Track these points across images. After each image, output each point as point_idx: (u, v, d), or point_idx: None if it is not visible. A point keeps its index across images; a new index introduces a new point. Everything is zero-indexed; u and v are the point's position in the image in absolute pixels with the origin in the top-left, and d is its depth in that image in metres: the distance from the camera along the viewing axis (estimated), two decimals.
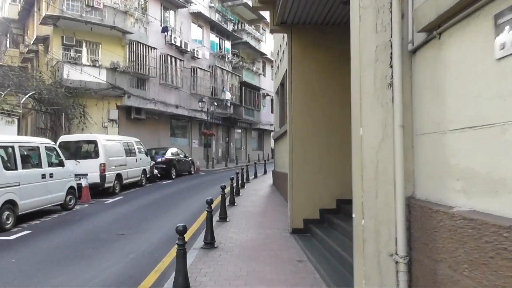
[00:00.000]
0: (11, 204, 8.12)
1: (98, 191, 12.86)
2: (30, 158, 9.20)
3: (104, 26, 19.52)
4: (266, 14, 36.70)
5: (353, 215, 3.13)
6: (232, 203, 10.34)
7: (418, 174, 2.92)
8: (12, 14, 27.33)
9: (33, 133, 19.27)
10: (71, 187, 10.51)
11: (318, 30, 7.55)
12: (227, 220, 8.25)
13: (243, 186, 14.28)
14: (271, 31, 8.10)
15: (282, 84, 12.79)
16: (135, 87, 21.58)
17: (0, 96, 13.53)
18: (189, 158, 21.73)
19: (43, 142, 9.75)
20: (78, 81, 18.76)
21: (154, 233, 7.63)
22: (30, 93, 15.34)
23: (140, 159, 15.57)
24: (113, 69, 19.82)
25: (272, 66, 39.92)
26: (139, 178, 15.38)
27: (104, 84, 19.50)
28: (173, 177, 18.88)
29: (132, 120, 22.06)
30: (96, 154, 12.57)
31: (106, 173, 12.50)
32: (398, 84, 2.97)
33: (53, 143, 10.33)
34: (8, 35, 28.38)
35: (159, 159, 18.40)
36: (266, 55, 36.69)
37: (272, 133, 17.35)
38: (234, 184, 11.30)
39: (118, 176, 13.45)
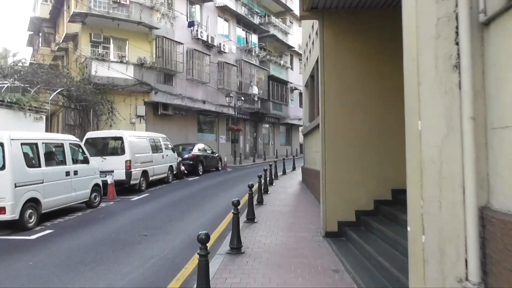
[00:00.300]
0: (34, 202, 7.94)
1: (124, 188, 12.69)
2: (54, 155, 9.02)
3: (131, 22, 19.39)
4: (293, 6, 35.94)
5: (409, 229, 2.56)
6: (260, 202, 9.85)
7: (495, 179, 2.30)
8: (43, 13, 27.77)
9: (63, 129, 19.45)
10: (96, 185, 10.31)
11: (353, 15, 6.90)
12: (255, 221, 7.76)
13: (271, 183, 13.78)
14: (301, 18, 7.49)
15: (312, 76, 12.16)
16: (162, 83, 21.43)
17: (29, 93, 13.50)
18: (216, 154, 21.42)
19: (67, 139, 9.56)
20: (106, 78, 18.75)
21: (178, 234, 7.24)
22: (59, 90, 15.34)
23: (167, 155, 15.32)
24: (140, 65, 19.70)
25: (300, 59, 39.11)
26: (165, 175, 15.15)
27: (131, 80, 19.42)
28: (200, 173, 18.59)
29: (159, 116, 21.94)
30: (122, 151, 12.37)
31: (132, 170, 12.29)
32: (467, 65, 2.37)
33: (78, 140, 10.15)
34: (40, 34, 28.91)
35: (186, 155, 18.14)
36: (294, 48, 35.91)
37: (301, 128, 16.74)
38: (262, 182, 10.78)
39: (144, 173, 13.23)
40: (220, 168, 21.51)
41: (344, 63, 6.87)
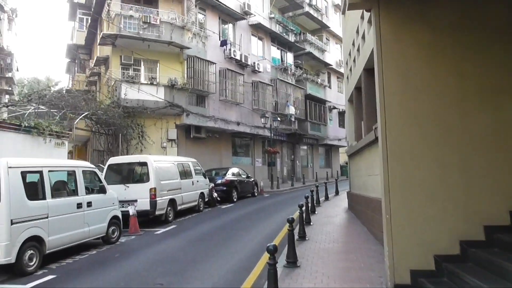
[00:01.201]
0: (36, 241, 6.76)
1: (150, 219, 11.46)
2: (63, 184, 7.90)
3: (161, 42, 18.69)
4: (329, 22, 34.66)
5: None
6: (303, 236, 8.21)
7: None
8: (79, 40, 28.00)
9: (91, 155, 18.79)
10: (115, 217, 9.09)
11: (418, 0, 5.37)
12: (297, 265, 6.15)
13: (313, 211, 12.10)
14: (350, 7, 5.99)
15: (358, 88, 10.57)
16: (194, 105, 20.49)
17: (53, 118, 12.76)
18: (252, 179, 19.98)
19: (80, 165, 8.44)
20: (135, 100, 18.00)
21: (202, 282, 5.77)
22: (84, 114, 14.59)
23: (197, 181, 14.05)
24: (170, 87, 18.87)
25: (338, 77, 37.54)
26: (196, 203, 13.83)
27: (161, 103, 18.58)
28: (235, 200, 17.17)
29: (191, 140, 20.92)
30: (146, 178, 11.19)
31: (157, 198, 11.05)
32: None
33: (93, 166, 9.02)
34: (76, 61, 29.17)
35: (219, 181, 16.82)
36: (331, 65, 34.45)
37: (345, 149, 15.01)
38: (304, 213, 9.15)
39: (172, 202, 11.96)
40: (256, 194, 20.00)
41: (409, 60, 5.29)
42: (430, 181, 5.00)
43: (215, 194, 15.84)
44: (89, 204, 8.15)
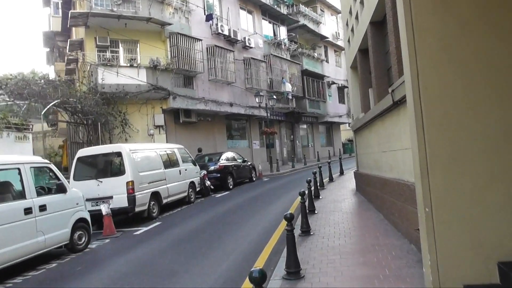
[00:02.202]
0: None
1: (131, 216, 9.98)
2: (5, 187, 6.33)
3: (139, 19, 16.89)
4: None
5: None
6: (306, 231, 6.70)
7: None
8: (56, 26, 26.08)
9: (70, 149, 17.23)
10: (81, 220, 7.58)
11: None
12: (301, 275, 4.63)
13: (317, 196, 10.60)
14: None
15: (363, 51, 8.92)
16: (181, 86, 18.81)
17: (7, 106, 11.15)
18: (249, 163, 18.46)
19: (28, 161, 6.85)
20: (115, 85, 16.33)
21: None
22: (52, 103, 12.94)
23: (186, 170, 12.51)
24: (153, 68, 17.16)
25: (335, 51, 35.62)
26: (185, 194, 12.32)
27: (144, 86, 16.91)
28: (230, 187, 15.67)
29: (181, 125, 19.32)
30: (122, 170, 9.65)
31: (136, 193, 9.53)
32: None
33: (47, 161, 7.45)
34: (55, 49, 27.32)
35: (212, 167, 15.29)
36: (328, 38, 32.57)
37: (349, 124, 13.33)
38: (307, 200, 7.62)
39: (155, 195, 10.45)
40: (254, 179, 18.51)
41: None
42: (489, 157, 3.42)
43: (208, 182, 14.34)
44: (42, 208, 6.62)
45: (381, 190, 7.31)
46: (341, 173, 17.00)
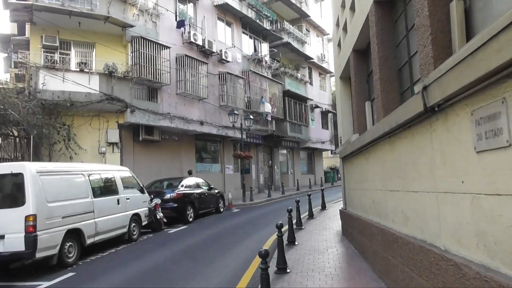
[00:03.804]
0: None
1: (35, 264, 7.22)
2: None
3: (94, 17, 14.43)
4: (309, 11, 30.91)
5: None
6: None
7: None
8: (14, 29, 23.45)
9: None
10: None
11: None
12: None
13: (292, 242, 8.06)
14: None
15: (358, 52, 6.62)
16: (143, 99, 16.28)
17: None
18: (216, 190, 15.81)
19: None
20: (59, 92, 13.71)
21: None
22: None
23: (127, 199, 9.82)
24: (107, 75, 14.63)
25: (320, 74, 33.80)
26: (125, 230, 9.58)
27: (96, 95, 14.32)
28: (190, 220, 12.99)
29: (141, 143, 16.68)
30: (21, 198, 6.91)
31: (39, 232, 6.79)
32: None
33: None
34: (9, 54, 24.53)
35: (168, 196, 12.61)
36: (313, 59, 30.74)
37: (336, 150, 10.88)
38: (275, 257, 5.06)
39: (73, 234, 7.70)
40: (222, 209, 15.85)
41: None
42: None
43: (160, 214, 11.62)
44: None
45: (385, 249, 4.84)
46: (323, 207, 14.52)
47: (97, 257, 8.35)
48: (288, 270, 5.95)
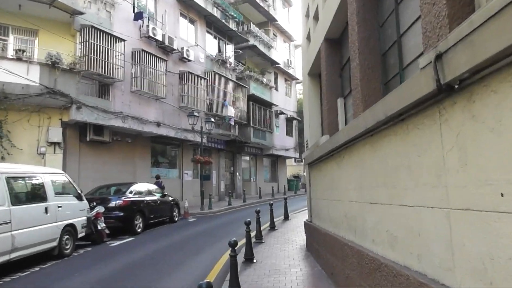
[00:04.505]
0: None
1: None
2: None
3: (37, 0, 12.86)
4: (277, 15, 30.25)
5: None
6: None
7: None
8: None
9: None
10: None
11: None
12: None
13: (250, 259, 6.96)
14: None
15: (332, 40, 5.68)
16: (93, 95, 14.77)
17: None
18: (170, 198, 14.47)
19: None
20: None
21: None
22: None
23: (59, 207, 8.36)
24: (50, 65, 13.03)
25: (285, 80, 33.17)
26: (54, 244, 8.12)
27: (35, 88, 12.70)
28: (139, 230, 11.61)
29: (89, 144, 15.10)
30: None
31: None
32: None
33: None
34: None
35: (113, 203, 11.18)
36: (279, 64, 30.06)
37: (303, 154, 9.86)
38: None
39: None
40: (176, 218, 14.51)
41: None
42: None
43: (102, 225, 10.18)
44: None
45: (363, 276, 3.84)
46: (286, 217, 13.53)
47: (14, 278, 6.87)
48: None
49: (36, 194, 7.84)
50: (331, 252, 5.45)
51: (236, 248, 4.96)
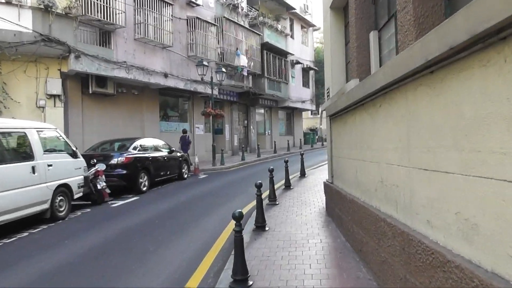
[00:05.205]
0: None
1: None
2: None
3: None
4: None
5: None
6: None
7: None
8: None
9: None
10: None
11: None
12: None
13: (262, 227, 6.05)
14: None
15: None
16: (93, 43, 13.59)
17: None
18: (179, 154, 13.61)
19: None
20: None
21: None
22: None
23: (49, 166, 7.52)
24: (44, 10, 11.81)
25: (302, 27, 31.08)
26: (45, 206, 7.36)
27: (28, 35, 11.59)
28: (144, 189, 10.86)
29: (92, 97, 14.17)
30: None
31: None
32: None
33: None
34: None
35: (115, 160, 10.35)
36: (295, 9, 27.99)
37: (322, 107, 8.64)
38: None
39: None
40: (186, 175, 13.73)
41: None
42: None
43: (102, 184, 9.40)
44: None
45: (412, 270, 2.81)
46: (302, 174, 12.58)
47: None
48: (248, 275, 3.93)
49: (21, 152, 6.98)
50: (359, 224, 4.44)
51: (241, 221, 3.99)
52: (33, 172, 7.03)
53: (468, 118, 2.05)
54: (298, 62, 28.97)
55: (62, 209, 7.83)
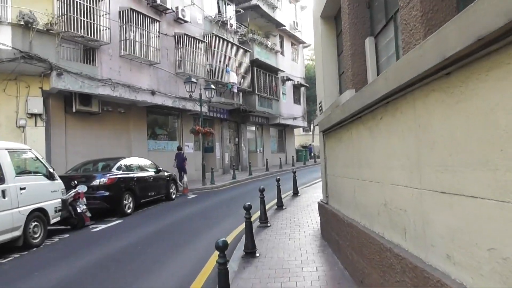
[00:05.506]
0: None
1: None
2: None
3: None
4: None
5: None
6: None
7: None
8: None
9: None
10: None
11: None
12: None
13: (252, 253, 5.52)
14: None
15: None
16: (76, 60, 13.14)
17: None
18: (166, 173, 13.05)
19: None
20: None
21: None
22: None
23: (22, 189, 6.95)
24: (24, 26, 11.39)
25: (292, 44, 31.04)
26: (16, 234, 6.75)
27: (7, 52, 11.13)
28: (128, 211, 10.27)
29: (76, 116, 13.66)
30: None
31: None
32: None
33: None
34: None
35: (97, 182, 9.78)
36: (284, 26, 27.92)
37: (314, 121, 8.21)
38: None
39: None
40: (174, 196, 13.15)
41: None
42: None
43: (82, 207, 8.81)
44: None
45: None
46: (295, 193, 12.08)
47: None
48: None
49: None
50: (359, 251, 3.95)
51: (227, 250, 3.49)
52: (3, 196, 6.47)
53: (504, 128, 1.61)
54: (289, 79, 28.80)
55: (36, 235, 7.23)
